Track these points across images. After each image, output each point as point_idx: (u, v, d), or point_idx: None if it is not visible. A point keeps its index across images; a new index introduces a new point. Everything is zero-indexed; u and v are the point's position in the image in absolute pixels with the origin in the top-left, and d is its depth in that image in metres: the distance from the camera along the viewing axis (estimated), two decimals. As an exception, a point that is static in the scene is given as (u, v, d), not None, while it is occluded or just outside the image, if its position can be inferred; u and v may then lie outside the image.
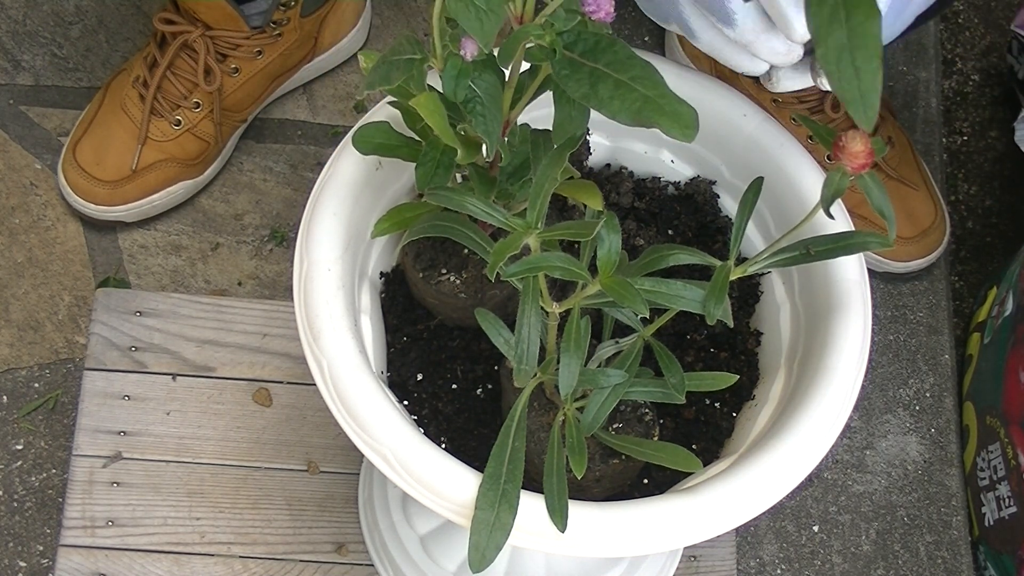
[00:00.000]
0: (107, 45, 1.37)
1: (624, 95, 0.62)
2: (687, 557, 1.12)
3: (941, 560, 1.20)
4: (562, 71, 0.65)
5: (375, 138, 0.76)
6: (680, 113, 0.62)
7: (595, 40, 0.64)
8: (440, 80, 0.69)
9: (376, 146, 0.77)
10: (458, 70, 0.68)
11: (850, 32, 0.55)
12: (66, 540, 1.09)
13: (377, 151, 0.77)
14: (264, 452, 1.13)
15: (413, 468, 0.73)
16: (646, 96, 0.62)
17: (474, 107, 0.69)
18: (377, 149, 0.77)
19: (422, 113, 0.69)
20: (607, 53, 0.63)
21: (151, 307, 1.17)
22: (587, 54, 0.64)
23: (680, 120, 0.62)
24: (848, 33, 0.55)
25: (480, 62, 0.68)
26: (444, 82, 0.68)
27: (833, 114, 1.27)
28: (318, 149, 1.34)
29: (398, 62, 0.69)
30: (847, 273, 0.81)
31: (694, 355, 0.88)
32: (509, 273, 0.68)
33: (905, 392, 1.26)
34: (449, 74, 0.68)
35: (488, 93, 0.69)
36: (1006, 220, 1.40)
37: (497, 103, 0.69)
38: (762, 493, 0.74)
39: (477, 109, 0.69)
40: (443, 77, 0.68)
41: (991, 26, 1.50)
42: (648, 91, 0.62)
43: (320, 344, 0.76)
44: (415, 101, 0.69)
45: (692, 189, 0.91)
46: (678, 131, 0.61)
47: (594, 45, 0.64)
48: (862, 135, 0.63)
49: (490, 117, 0.69)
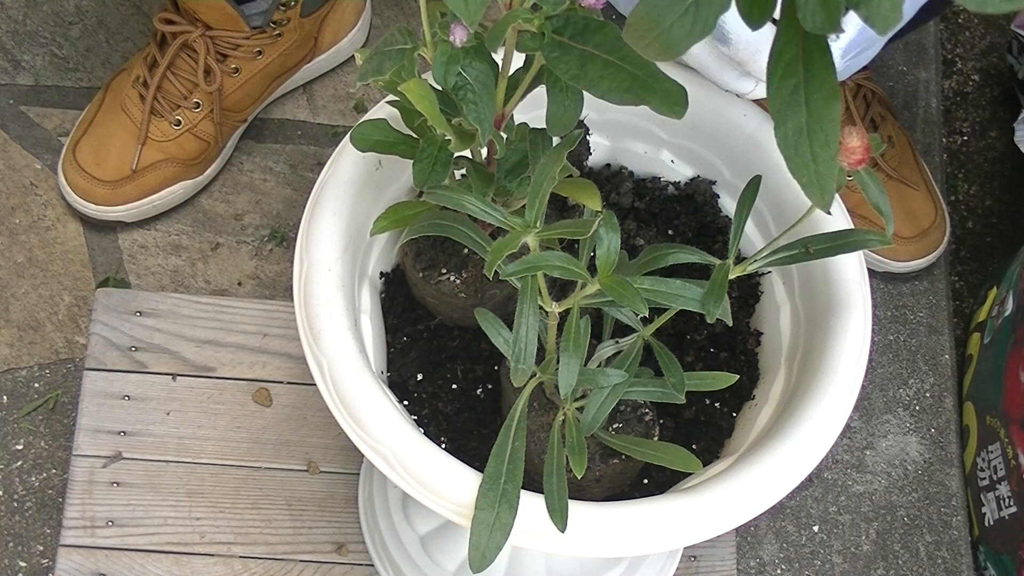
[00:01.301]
0: (107, 45, 1.37)
1: (613, 74, 0.62)
2: (687, 557, 1.12)
3: (941, 560, 1.20)
4: (551, 54, 0.65)
5: (373, 135, 0.76)
6: (669, 91, 0.62)
7: (584, 23, 0.64)
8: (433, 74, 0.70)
9: (374, 143, 0.77)
10: (448, 56, 0.68)
11: (809, 115, 0.54)
12: (66, 540, 1.09)
13: (375, 148, 0.77)
14: (264, 452, 1.13)
15: (413, 468, 0.73)
16: (635, 75, 0.62)
17: (465, 94, 0.69)
18: (375, 146, 0.77)
19: (411, 98, 0.69)
20: (597, 35, 0.64)
21: (151, 307, 1.17)
22: (576, 36, 0.64)
23: (669, 97, 0.62)
24: (807, 116, 0.54)
25: (471, 49, 0.68)
26: (434, 68, 0.68)
27: (833, 114, 1.27)
28: (318, 149, 1.34)
29: (390, 52, 0.69)
30: (847, 273, 0.81)
31: (694, 355, 0.88)
32: (508, 272, 0.68)
33: (905, 392, 1.26)
34: (439, 60, 0.68)
35: (479, 81, 0.69)
36: (1006, 220, 1.40)
37: (489, 91, 0.69)
38: (762, 493, 0.74)
39: (468, 96, 0.69)
40: (433, 63, 0.68)
41: (991, 26, 1.50)
42: (637, 70, 0.62)
43: (320, 344, 0.76)
44: (404, 87, 0.69)
45: (692, 189, 0.91)
46: (667, 108, 0.62)
47: (583, 28, 0.64)
48: (859, 131, 0.63)
49: (481, 105, 0.69)
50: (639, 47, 0.55)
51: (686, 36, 0.53)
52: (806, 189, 0.56)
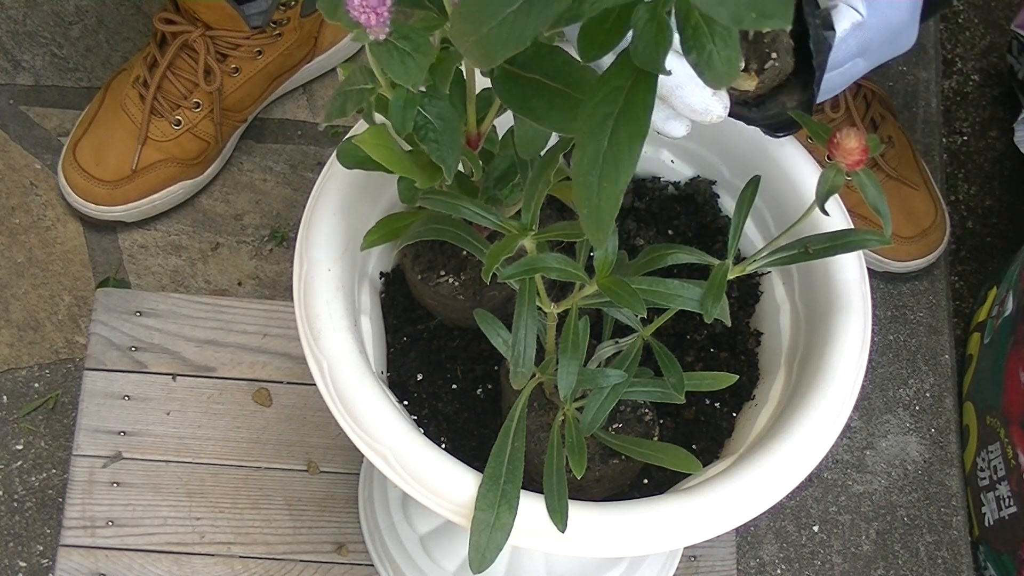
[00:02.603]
0: (107, 45, 1.38)
1: (560, 104, 0.60)
2: (687, 557, 1.12)
3: (941, 560, 1.20)
4: (500, 86, 0.63)
5: (359, 152, 0.75)
6: None
7: (534, 48, 0.62)
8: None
9: (360, 160, 0.75)
10: (404, 100, 0.65)
11: (609, 147, 0.53)
12: (66, 540, 1.09)
13: (361, 165, 0.75)
14: (264, 452, 1.13)
15: (413, 468, 0.73)
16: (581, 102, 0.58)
17: (426, 134, 0.66)
18: (361, 163, 0.75)
19: (367, 151, 0.67)
20: (545, 62, 0.61)
21: (151, 307, 1.17)
22: (526, 65, 0.62)
23: None
24: (607, 147, 0.53)
25: (430, 87, 0.66)
26: (392, 114, 0.66)
27: (833, 114, 1.27)
28: (318, 149, 1.34)
29: (351, 93, 0.66)
30: (847, 273, 0.81)
31: (694, 355, 0.88)
32: (505, 275, 0.68)
33: (905, 392, 1.26)
34: (396, 105, 0.65)
35: (440, 118, 0.66)
36: (1006, 220, 1.40)
37: (451, 126, 0.66)
38: (762, 493, 0.74)
39: (430, 136, 0.66)
40: (391, 110, 0.66)
41: (991, 26, 1.50)
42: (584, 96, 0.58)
43: (320, 344, 0.76)
44: (359, 139, 0.67)
45: (692, 189, 0.91)
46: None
47: (533, 54, 0.62)
48: (857, 132, 0.63)
49: (443, 143, 0.66)
50: (461, 49, 0.53)
51: (502, 46, 0.51)
52: (583, 220, 0.54)
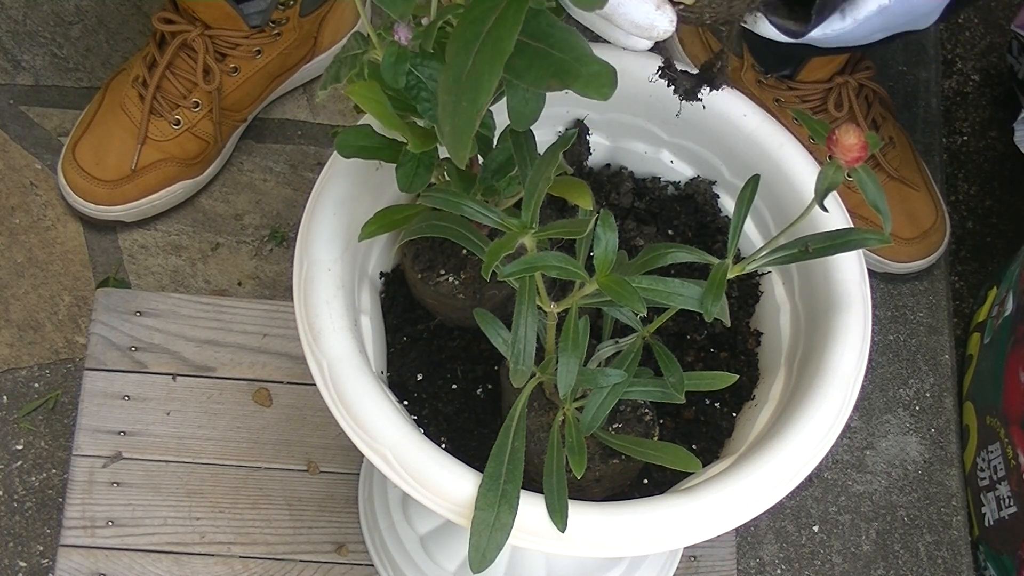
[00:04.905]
0: (107, 45, 1.37)
1: (540, 63, 0.59)
2: (687, 557, 1.12)
3: (941, 560, 1.20)
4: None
5: (356, 141, 0.75)
6: (597, 73, 0.58)
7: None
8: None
9: (358, 149, 0.75)
10: (395, 56, 0.67)
11: (473, 66, 0.53)
12: (66, 540, 1.09)
13: (359, 154, 0.75)
14: (264, 452, 1.13)
15: (413, 468, 0.73)
16: (562, 60, 0.59)
17: (419, 93, 0.68)
18: (359, 152, 0.75)
19: (357, 101, 0.68)
20: (530, 24, 0.60)
21: (151, 307, 1.17)
22: None
23: (596, 80, 0.58)
24: (471, 66, 0.53)
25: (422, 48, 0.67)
26: (383, 70, 0.67)
27: (836, 113, 1.27)
28: (318, 149, 1.34)
29: (345, 59, 0.68)
30: (847, 273, 0.81)
31: (694, 355, 0.88)
32: (505, 273, 0.68)
33: (905, 392, 1.26)
34: (387, 61, 0.67)
35: (433, 79, 0.68)
36: (1006, 220, 1.40)
37: None
38: (762, 493, 0.74)
39: (422, 95, 0.68)
40: (382, 65, 0.67)
41: (991, 26, 1.50)
42: (565, 55, 0.59)
43: (320, 344, 0.76)
44: (349, 90, 0.68)
45: (692, 189, 0.91)
46: (593, 91, 0.58)
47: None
48: (856, 129, 0.63)
49: (436, 103, 0.67)
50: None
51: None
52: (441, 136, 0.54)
